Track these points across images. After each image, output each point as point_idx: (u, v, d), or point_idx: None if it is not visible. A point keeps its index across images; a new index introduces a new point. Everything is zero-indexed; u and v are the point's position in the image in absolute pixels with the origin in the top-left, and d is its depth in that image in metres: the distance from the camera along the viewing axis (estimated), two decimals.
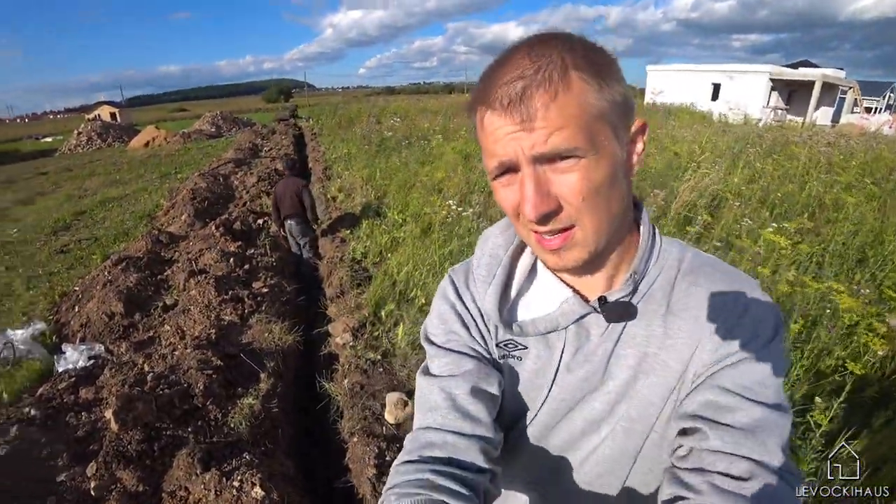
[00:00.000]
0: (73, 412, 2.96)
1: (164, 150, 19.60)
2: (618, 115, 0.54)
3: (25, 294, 5.39)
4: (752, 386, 0.55)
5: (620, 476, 0.70)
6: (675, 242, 0.68)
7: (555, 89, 0.50)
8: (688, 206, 4.24)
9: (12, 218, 9.37)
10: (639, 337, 0.64)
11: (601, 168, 0.53)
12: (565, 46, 0.53)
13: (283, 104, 64.70)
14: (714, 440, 0.53)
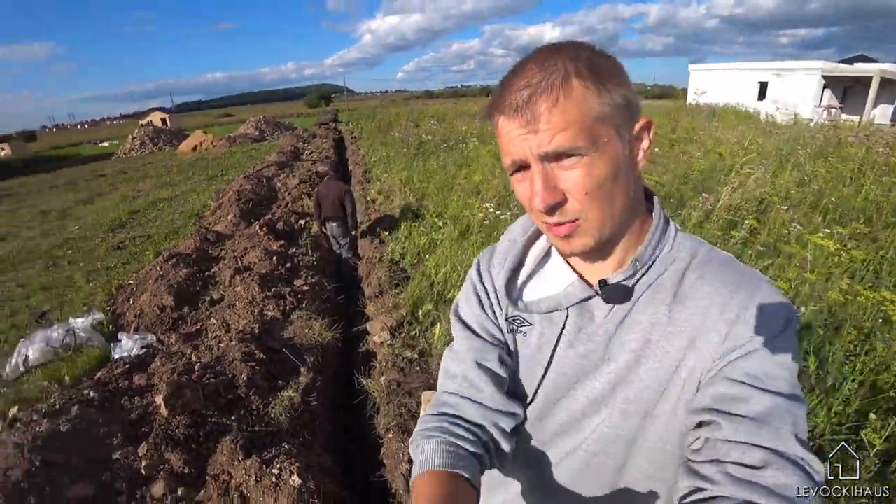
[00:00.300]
0: (128, 396, 3.11)
1: (210, 153, 20.38)
2: (620, 115, 0.60)
3: (86, 286, 5.70)
4: (762, 376, 0.56)
5: (617, 460, 0.72)
6: (691, 238, 0.70)
7: (556, 95, 0.57)
8: (732, 210, 4.11)
9: (74, 216, 9.93)
10: (643, 323, 0.66)
11: (603, 165, 0.59)
12: (570, 55, 0.59)
13: (323, 109, 66.10)
14: (727, 430, 0.54)
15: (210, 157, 18.42)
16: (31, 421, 2.69)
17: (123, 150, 27.36)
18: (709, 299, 0.63)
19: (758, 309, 0.61)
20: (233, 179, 11.45)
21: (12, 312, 5.18)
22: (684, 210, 3.98)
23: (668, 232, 0.69)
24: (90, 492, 2.32)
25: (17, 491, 2.18)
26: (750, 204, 4.22)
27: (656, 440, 0.68)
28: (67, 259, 6.95)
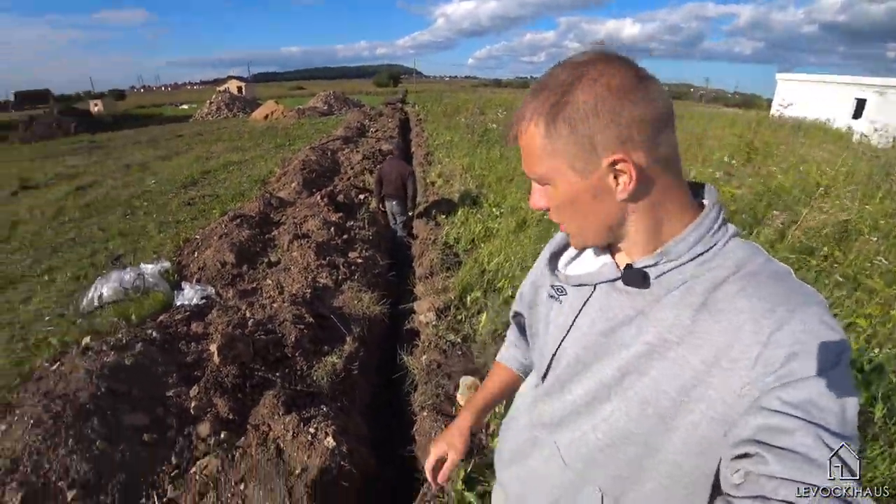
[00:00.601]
0: (185, 341, 3.30)
1: (280, 123, 21.07)
2: (570, 149, 0.65)
3: (157, 236, 6.08)
4: (806, 406, 0.52)
5: (630, 462, 0.72)
6: (749, 246, 0.67)
7: (515, 133, 0.71)
8: (810, 234, 3.82)
9: (152, 171, 10.56)
10: (665, 320, 0.66)
11: (559, 194, 0.70)
12: (543, 95, 0.66)
13: (391, 89, 66.82)
14: (774, 465, 0.51)
15: (279, 127, 19.05)
16: (101, 351, 2.90)
17: (200, 113, 28.78)
18: (743, 316, 0.60)
19: (800, 331, 0.56)
20: (299, 150, 11.81)
21: (93, 252, 5.60)
22: (757, 227, 3.74)
23: (717, 235, 0.67)
24: (145, 422, 2.49)
25: (84, 411, 2.36)
26: (831, 229, 3.91)
27: (675, 452, 0.66)
28: (143, 210, 7.42)
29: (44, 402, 2.37)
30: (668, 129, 0.65)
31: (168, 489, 2.22)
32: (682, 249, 0.66)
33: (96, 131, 20.61)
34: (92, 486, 2.12)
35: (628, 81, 0.62)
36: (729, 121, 12.13)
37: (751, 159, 6.81)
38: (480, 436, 2.62)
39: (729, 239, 0.67)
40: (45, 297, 4.39)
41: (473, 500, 2.13)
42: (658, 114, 0.63)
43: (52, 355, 3.25)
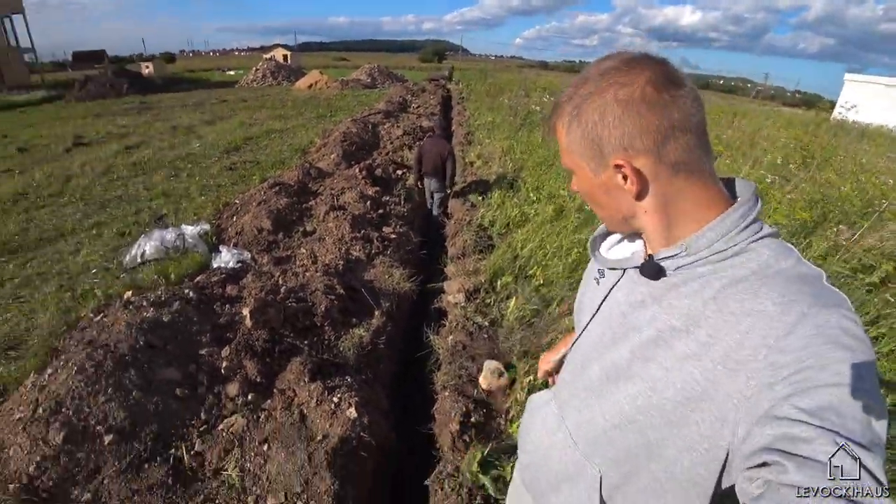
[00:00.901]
0: (219, 302, 3.40)
1: (323, 93, 21.21)
2: (583, 151, 0.74)
3: (198, 198, 6.25)
4: (827, 415, 0.50)
5: (627, 442, 0.75)
6: (780, 247, 0.67)
7: (548, 130, 0.80)
8: (868, 250, 3.58)
9: (197, 134, 10.82)
10: (676, 310, 0.69)
11: (581, 183, 0.79)
12: (566, 97, 0.74)
13: (436, 65, 66.21)
14: (794, 473, 0.49)
15: (322, 97, 19.19)
16: (141, 306, 3.02)
17: (246, 80, 29.20)
18: (753, 317, 0.60)
19: (812, 335, 0.55)
20: (340, 121, 11.87)
21: (137, 210, 5.81)
22: (811, 237, 3.54)
23: (744, 233, 0.67)
24: (178, 377, 2.59)
25: (123, 362, 2.47)
26: (890, 245, 3.63)
27: (674, 448, 0.68)
28: (187, 172, 7.62)
29: (87, 351, 2.49)
30: (682, 136, 0.66)
31: (196, 442, 2.31)
32: (702, 245, 0.68)
33: (146, 93, 21.20)
34: (126, 433, 2.23)
35: (639, 93, 0.66)
36: (785, 121, 11.47)
37: (806, 164, 6.44)
38: (500, 420, 2.63)
39: (759, 238, 0.67)
40: (92, 251, 4.59)
41: (488, 483, 2.14)
42: (670, 122, 0.66)
43: (97, 306, 3.41)
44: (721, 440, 0.62)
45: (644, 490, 0.76)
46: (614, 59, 0.70)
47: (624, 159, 0.69)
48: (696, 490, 0.68)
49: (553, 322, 3.16)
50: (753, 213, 0.68)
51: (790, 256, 0.65)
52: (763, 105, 24.63)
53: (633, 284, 0.78)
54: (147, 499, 2.01)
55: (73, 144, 9.33)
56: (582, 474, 0.85)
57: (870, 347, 0.55)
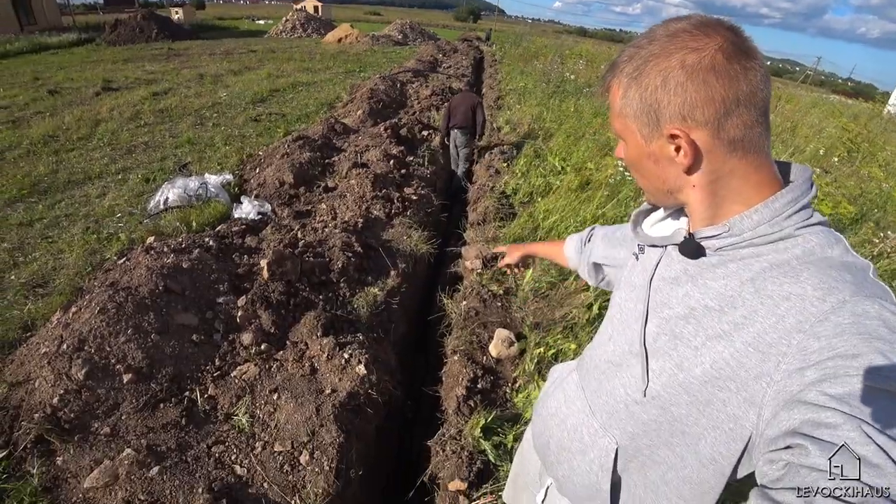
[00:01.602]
0: (238, 253, 3.44)
1: (353, 48, 20.82)
2: (638, 117, 0.69)
3: (222, 148, 6.27)
4: (855, 402, 0.49)
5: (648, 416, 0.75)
6: (830, 235, 0.64)
7: (604, 89, 0.75)
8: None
9: (224, 84, 10.77)
10: (712, 289, 0.68)
11: (629, 150, 0.75)
12: (629, 53, 0.69)
13: (470, 24, 64.36)
14: (816, 457, 0.49)
15: (351, 52, 18.86)
16: (162, 252, 3.08)
17: (275, 30, 28.77)
18: (790, 302, 0.59)
19: (848, 324, 0.54)
20: (368, 77, 11.68)
21: (162, 158, 5.87)
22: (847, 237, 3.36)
23: (792, 219, 0.64)
24: (194, 322, 2.65)
25: (142, 305, 2.53)
26: None
27: (697, 426, 0.68)
28: (212, 121, 7.63)
29: (109, 292, 2.55)
30: (745, 111, 0.63)
31: (209, 387, 2.39)
32: (746, 227, 0.66)
33: (175, 39, 21.09)
34: (144, 374, 2.31)
35: (708, 60, 0.61)
36: (832, 110, 10.84)
37: (851, 158, 6.10)
38: (506, 389, 2.64)
39: (808, 225, 0.65)
40: (118, 195, 4.68)
41: (488, 448, 2.17)
42: (735, 95, 0.62)
43: (120, 250, 3.49)
44: (746, 421, 0.62)
45: (661, 464, 0.77)
46: (685, 21, 0.65)
47: (681, 129, 0.65)
48: (714, 467, 0.69)
49: (568, 296, 3.13)
50: (805, 200, 0.65)
51: (838, 245, 0.63)
52: (810, 91, 23.34)
53: (671, 261, 0.77)
54: (161, 436, 2.09)
55: (102, 89, 9.39)
56: (596, 444, 0.86)
57: None
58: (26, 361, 2.32)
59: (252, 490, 1.93)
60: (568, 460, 0.93)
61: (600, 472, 0.85)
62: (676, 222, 0.85)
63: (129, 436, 2.08)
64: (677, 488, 0.75)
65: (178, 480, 1.88)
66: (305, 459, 2.07)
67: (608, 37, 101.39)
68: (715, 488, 0.71)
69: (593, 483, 0.87)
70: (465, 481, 2.06)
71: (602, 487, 0.86)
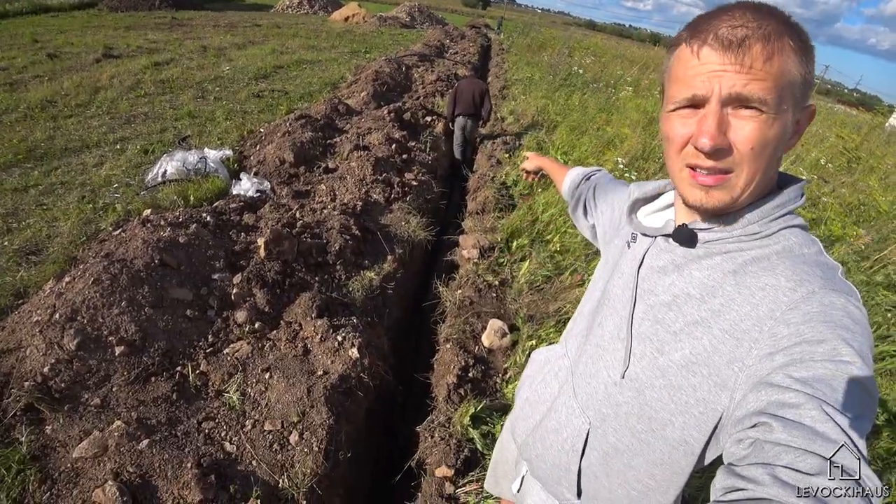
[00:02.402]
0: (235, 230, 3.42)
1: (359, 28, 20.56)
2: (802, 91, 0.62)
3: (223, 123, 6.21)
4: (818, 385, 0.53)
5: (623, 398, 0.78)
6: (807, 237, 0.68)
7: (771, 47, 0.58)
8: None
9: (228, 58, 10.61)
10: (696, 279, 0.70)
11: (774, 128, 0.61)
12: (783, 18, 0.61)
13: (479, 11, 63.65)
14: (780, 433, 0.51)
15: (358, 32, 18.63)
16: (159, 225, 3.05)
17: (282, 5, 28.27)
18: (765, 292, 0.62)
19: (816, 312, 0.58)
20: (374, 59, 11.56)
21: (162, 129, 5.80)
22: (837, 244, 3.41)
23: (777, 221, 0.67)
24: (189, 298, 2.64)
25: (137, 277, 2.52)
26: None
27: (669, 412, 0.71)
28: (214, 95, 7.54)
29: (104, 263, 2.53)
30: None
31: (202, 363, 2.39)
32: (737, 224, 0.68)
33: (179, 8, 20.72)
34: (136, 346, 2.30)
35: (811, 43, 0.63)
36: (836, 120, 10.79)
37: (850, 168, 6.12)
38: (497, 379, 2.66)
39: (790, 227, 0.68)
40: (115, 165, 4.63)
41: (476, 437, 2.19)
42: None
43: (116, 221, 3.46)
44: (717, 405, 0.65)
45: (625, 452, 0.80)
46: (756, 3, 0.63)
47: (813, 105, 0.67)
48: (685, 448, 0.72)
49: (563, 291, 3.14)
50: (792, 206, 0.68)
51: (814, 245, 0.67)
52: (815, 99, 23.21)
53: (659, 251, 0.79)
54: (151, 410, 2.09)
55: (103, 55, 9.23)
56: (571, 423, 0.89)
57: (869, 332, 0.57)
58: (17, 329, 2.31)
59: (241, 467, 1.94)
60: (542, 438, 0.96)
61: (571, 451, 0.88)
62: (667, 214, 0.87)
63: (120, 408, 2.08)
64: (647, 471, 0.78)
65: (168, 454, 1.89)
66: (295, 439, 2.08)
67: (617, 32, 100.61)
68: (685, 469, 0.74)
69: (563, 463, 0.90)
70: (452, 468, 2.08)
71: (571, 468, 0.89)
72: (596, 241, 1.17)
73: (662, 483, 0.77)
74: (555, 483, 0.95)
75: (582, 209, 1.23)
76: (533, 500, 1.08)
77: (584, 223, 1.22)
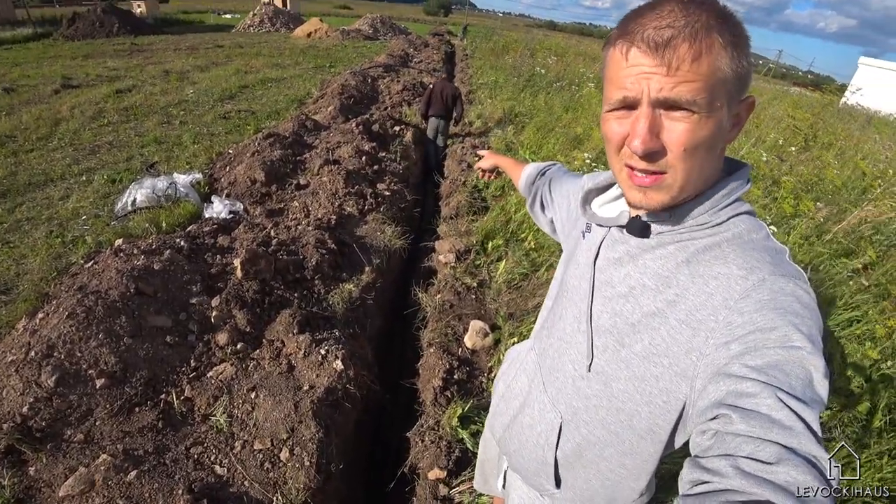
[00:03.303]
0: (211, 253, 3.40)
1: (322, 42, 20.53)
2: (736, 86, 0.62)
3: (191, 146, 6.13)
4: (772, 372, 0.54)
5: (592, 390, 0.80)
6: (754, 223, 0.69)
7: (698, 47, 0.57)
8: (853, 236, 3.57)
9: (191, 80, 10.49)
10: (650, 269, 0.72)
11: (707, 127, 0.60)
12: (715, 10, 0.59)
13: (440, 19, 64.16)
14: (739, 424, 0.53)
15: (321, 47, 18.60)
16: (132, 254, 3.03)
17: (243, 24, 28.10)
18: (718, 281, 0.64)
19: (767, 300, 0.59)
20: (339, 73, 11.56)
21: (129, 157, 5.71)
22: (797, 220, 3.55)
23: (726, 210, 0.69)
24: (168, 324, 2.62)
25: (114, 308, 2.50)
26: (876, 234, 3.61)
27: (633, 402, 0.73)
28: (179, 119, 7.44)
29: (78, 296, 2.51)
30: None
31: (186, 388, 2.37)
32: (688, 215, 0.69)
33: (138, 33, 20.41)
34: (118, 378, 2.28)
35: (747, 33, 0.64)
36: (793, 101, 11.22)
37: (808, 146, 6.36)
38: (482, 378, 2.70)
39: (738, 215, 0.69)
40: (82, 197, 4.54)
41: (466, 437, 2.23)
42: None
43: (87, 253, 3.41)
44: (679, 393, 0.67)
45: (597, 443, 0.82)
46: None
47: (752, 97, 0.68)
48: (652, 437, 0.74)
49: (540, 286, 3.21)
50: (739, 192, 0.70)
51: (761, 231, 0.69)
52: (772, 84, 24.12)
53: (614, 242, 0.80)
54: (137, 440, 2.07)
55: (62, 86, 9.04)
56: (544, 418, 0.90)
57: (818, 315, 0.59)
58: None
59: (233, 489, 1.94)
60: (518, 434, 0.98)
61: (545, 445, 0.90)
62: (621, 204, 0.86)
63: (105, 441, 2.06)
64: (619, 460, 0.80)
65: (157, 483, 1.88)
66: (286, 456, 2.09)
67: (578, 30, 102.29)
68: (654, 456, 0.76)
69: (539, 457, 0.92)
70: (445, 469, 2.11)
71: (547, 461, 0.91)
72: (556, 236, 1.17)
73: (633, 471, 0.80)
74: (534, 475, 0.97)
75: (539, 205, 1.23)
76: (517, 494, 1.10)
77: (543, 218, 1.23)
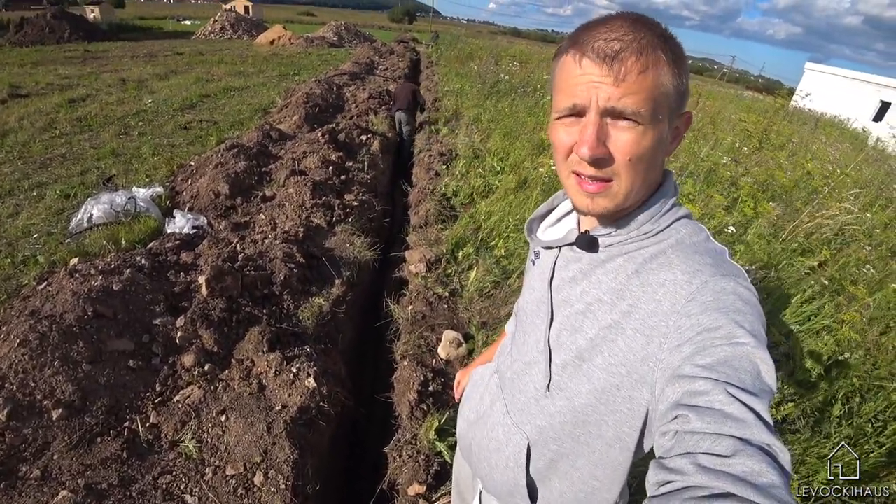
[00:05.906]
0: (174, 270, 3.29)
1: (286, 50, 20.32)
2: (677, 101, 0.66)
3: (151, 158, 5.94)
4: (721, 368, 0.56)
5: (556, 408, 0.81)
6: (693, 226, 0.73)
7: (644, 61, 0.62)
8: (806, 235, 3.74)
9: (149, 90, 10.18)
10: (603, 284, 0.74)
11: (650, 138, 0.64)
12: (659, 31, 0.64)
13: (405, 26, 64.31)
14: (696, 421, 0.54)
15: (285, 54, 18.38)
16: (89, 274, 2.90)
17: (203, 31, 27.56)
18: (665, 287, 0.67)
19: (710, 300, 0.62)
20: (303, 81, 11.43)
21: (83, 171, 5.47)
22: (755, 220, 3.69)
23: (666, 216, 0.73)
24: (130, 348, 2.52)
25: (70, 333, 2.38)
26: (828, 232, 3.80)
27: (598, 413, 0.74)
28: (138, 130, 7.20)
29: (30, 322, 2.38)
30: None
31: (151, 415, 2.28)
32: (632, 225, 0.73)
33: (91, 40, 19.72)
34: (76, 407, 2.17)
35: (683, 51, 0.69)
36: (746, 106, 11.70)
37: (761, 148, 6.66)
38: None
39: (677, 219, 0.73)
40: (33, 213, 4.33)
41: (444, 450, 2.22)
42: None
43: (40, 274, 3.26)
44: (642, 399, 0.69)
45: (568, 455, 0.83)
46: (635, 15, 0.67)
47: (689, 112, 0.72)
48: (620, 445, 0.76)
49: (512, 294, 3.23)
50: (674, 198, 0.75)
51: (701, 233, 0.73)
52: (726, 88, 25.18)
53: (567, 262, 0.82)
54: (101, 473, 1.98)
55: (9, 95, 8.64)
56: (510, 441, 0.90)
57: (759, 309, 0.62)
58: None
59: None
60: (487, 459, 0.98)
61: (515, 467, 0.90)
62: (566, 224, 0.91)
63: (64, 476, 1.95)
64: (590, 471, 0.81)
65: None
66: (260, 480, 2.03)
67: (541, 37, 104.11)
68: (624, 464, 0.78)
69: (511, 479, 0.92)
70: (424, 484, 2.09)
71: (519, 482, 0.91)
72: None
73: (605, 482, 0.81)
74: (508, 496, 0.97)
75: None
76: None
77: None
